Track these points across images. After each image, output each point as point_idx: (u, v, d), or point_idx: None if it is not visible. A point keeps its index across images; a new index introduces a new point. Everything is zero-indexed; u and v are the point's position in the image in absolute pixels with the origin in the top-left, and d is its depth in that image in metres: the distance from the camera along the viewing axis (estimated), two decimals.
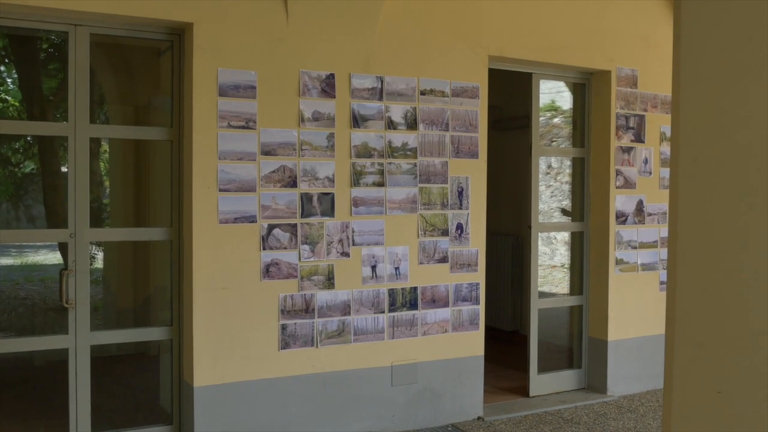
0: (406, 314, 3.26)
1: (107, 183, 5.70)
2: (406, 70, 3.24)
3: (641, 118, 3.82)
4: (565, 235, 6.27)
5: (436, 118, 3.38)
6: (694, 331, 0.87)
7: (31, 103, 4.96)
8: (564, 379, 3.92)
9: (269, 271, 3.03)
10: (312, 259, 3.08)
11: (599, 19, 3.65)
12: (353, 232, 3.20)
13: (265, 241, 3.03)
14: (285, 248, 3.06)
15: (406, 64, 3.23)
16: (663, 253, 3.84)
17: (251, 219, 3.02)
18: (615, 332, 3.83)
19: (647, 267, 3.89)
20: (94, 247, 4.83)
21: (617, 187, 3.79)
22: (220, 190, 2.94)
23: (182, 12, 2.71)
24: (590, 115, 3.90)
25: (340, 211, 3.20)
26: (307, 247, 3.08)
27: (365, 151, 3.23)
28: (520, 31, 3.43)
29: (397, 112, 3.30)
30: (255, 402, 2.90)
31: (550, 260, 6.24)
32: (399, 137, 3.30)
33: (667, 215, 2.33)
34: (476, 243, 3.49)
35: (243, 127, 2.99)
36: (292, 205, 3.08)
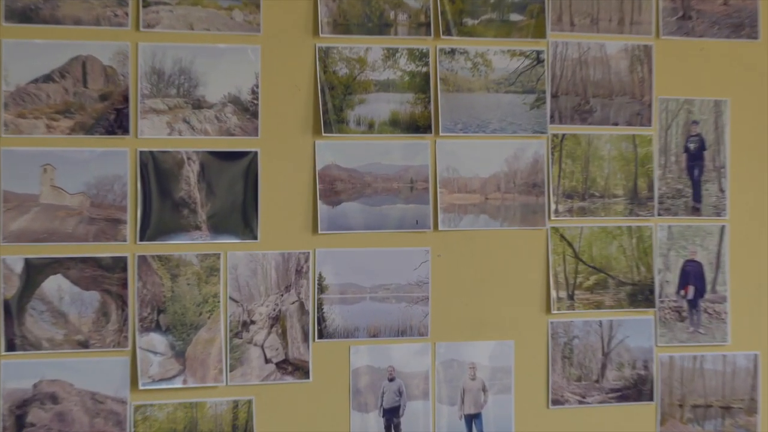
0: None
1: None
2: None
3: None
4: None
5: None
6: None
7: None
8: None
9: (25, 423, 2.67)
10: (177, 384, 2.75)
11: None
12: (321, 288, 2.86)
13: (17, 320, 2.68)
14: (82, 344, 2.68)
15: None
16: None
17: None
18: None
19: None
20: None
21: None
22: None
23: None
24: None
25: (273, 220, 2.83)
26: (162, 340, 2.77)
27: (360, 13, 2.87)
28: None
29: None
30: None
31: None
32: None
33: None
34: (750, 333, 3.12)
35: None
36: (109, 195, 2.75)
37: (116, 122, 2.64)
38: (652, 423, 3.00)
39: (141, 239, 2.65)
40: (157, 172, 2.68)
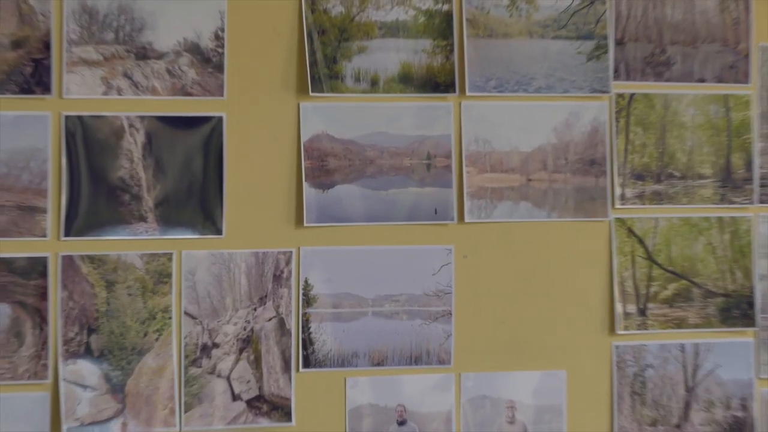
0: None
1: None
2: None
3: None
4: None
5: None
6: None
7: None
8: None
9: None
10: (114, 428, 2.58)
11: None
12: (307, 300, 2.63)
13: None
14: None
15: None
16: None
17: None
18: None
19: None
20: None
21: None
22: None
23: None
24: None
25: (243, 208, 2.62)
26: (94, 369, 2.58)
27: None
28: None
29: None
30: None
31: None
32: None
33: None
34: None
35: None
36: (24, 175, 2.59)
37: (34, 77, 2.45)
38: None
39: (66, 234, 2.42)
40: (87, 143, 2.47)
